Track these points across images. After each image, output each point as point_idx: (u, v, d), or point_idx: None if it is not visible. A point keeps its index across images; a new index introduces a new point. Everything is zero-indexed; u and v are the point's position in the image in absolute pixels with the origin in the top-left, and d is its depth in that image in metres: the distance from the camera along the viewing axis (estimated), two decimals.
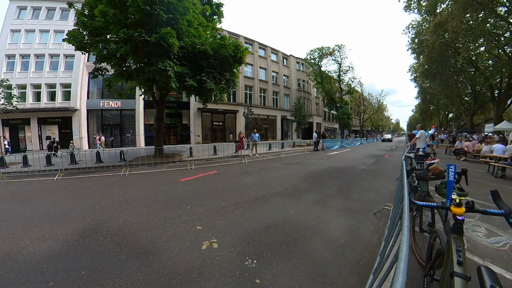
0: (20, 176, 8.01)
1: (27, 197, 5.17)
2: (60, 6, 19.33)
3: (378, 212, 3.45)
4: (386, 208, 3.51)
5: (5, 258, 2.47)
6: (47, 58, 19.33)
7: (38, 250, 2.64)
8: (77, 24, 8.95)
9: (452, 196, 1.31)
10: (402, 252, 0.86)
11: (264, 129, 28.00)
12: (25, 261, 2.42)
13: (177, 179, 6.34)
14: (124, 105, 19.56)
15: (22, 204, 4.64)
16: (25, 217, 3.81)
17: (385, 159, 10.56)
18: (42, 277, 2.11)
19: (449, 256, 1.16)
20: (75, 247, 2.68)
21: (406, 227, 1.05)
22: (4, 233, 3.16)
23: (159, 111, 11.52)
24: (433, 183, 2.37)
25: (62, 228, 3.23)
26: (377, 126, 65.33)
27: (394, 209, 2.41)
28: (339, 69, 28.69)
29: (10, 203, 4.73)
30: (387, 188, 5.00)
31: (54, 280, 2.05)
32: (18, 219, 3.71)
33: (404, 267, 0.78)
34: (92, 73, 10.50)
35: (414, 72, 25.94)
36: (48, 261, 2.39)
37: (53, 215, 3.85)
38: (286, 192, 4.67)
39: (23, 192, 5.72)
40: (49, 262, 2.37)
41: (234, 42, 10.10)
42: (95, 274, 2.12)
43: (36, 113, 18.91)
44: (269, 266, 2.14)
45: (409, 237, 1.04)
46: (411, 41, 19.14)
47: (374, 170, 7.42)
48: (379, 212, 3.45)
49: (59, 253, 2.56)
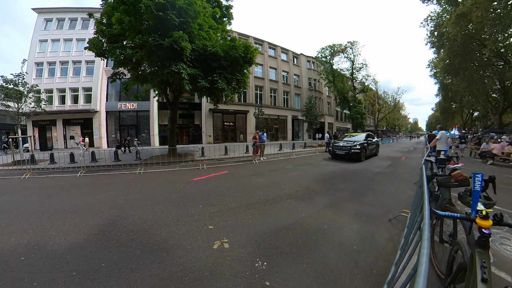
0: (48, 172, 8.66)
1: (53, 192, 5.59)
2: (81, 16, 20.84)
3: (394, 218, 3.29)
4: (402, 214, 3.34)
5: (34, 247, 2.71)
6: (71, 65, 21.03)
7: (63, 241, 2.85)
8: (96, 32, 9.61)
9: (478, 207, 1.22)
10: (421, 267, 0.81)
11: (275, 130, 27.81)
12: (51, 251, 2.63)
13: (190, 178, 6.49)
14: (140, 106, 20.63)
15: (49, 198, 5.02)
16: (52, 210, 4.12)
17: (402, 162, 10.04)
18: (66, 267, 2.28)
19: (472, 271, 1.08)
20: (95, 240, 2.86)
21: (427, 240, 0.99)
22: (34, 224, 3.45)
23: (173, 112, 11.91)
24: (456, 189, 2.22)
25: (84, 222, 3.44)
26: (393, 126, 62.01)
27: (412, 216, 2.29)
28: (352, 66, 27.64)
29: (39, 197, 5.14)
30: (404, 193, 4.76)
31: (76, 270, 2.21)
32: (45, 212, 4.02)
33: (424, 282, 0.74)
34: (111, 78, 11.20)
35: (434, 67, 24.26)
36: (72, 252, 2.57)
37: (76, 209, 4.12)
38: (297, 194, 4.61)
39: (50, 187, 6.18)
40: (72, 253, 2.55)
41: (244, 43, 10.16)
42: (112, 267, 2.24)
43: (61, 115, 20.60)
44: (279, 269, 2.13)
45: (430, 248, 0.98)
46: (430, 34, 17.85)
47: (390, 174, 7.08)
48: (395, 218, 3.28)
49: (81, 245, 2.74)
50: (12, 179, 7.66)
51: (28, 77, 14.04)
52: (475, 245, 1.17)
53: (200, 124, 22.37)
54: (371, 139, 11.52)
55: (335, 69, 27.74)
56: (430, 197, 2.36)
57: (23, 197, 5.18)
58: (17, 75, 12.25)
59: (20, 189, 6.11)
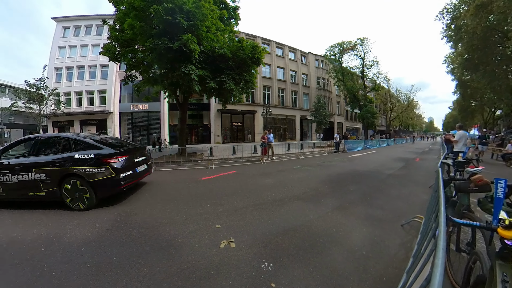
0: None
1: None
2: (96, 23, 21.93)
3: (406, 224, 3.13)
4: (416, 220, 3.17)
5: (53, 239, 2.90)
6: (87, 69, 22.30)
7: (79, 235, 3.01)
8: (110, 37, 10.12)
9: (500, 215, 1.14)
10: (435, 278, 0.76)
11: (283, 130, 27.61)
12: (68, 243, 2.79)
13: (199, 178, 6.60)
14: (151, 107, 21.34)
15: None
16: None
17: (416, 164, 9.60)
18: (81, 259, 2.41)
19: (492, 285, 1.01)
20: (108, 235, 2.98)
21: (442, 249, 0.92)
22: (53, 218, 3.67)
23: (182, 113, 12.19)
24: (475, 195, 2.10)
25: (98, 217, 3.61)
26: (407, 126, 59.11)
27: (426, 222, 2.17)
28: (362, 64, 26.63)
29: None
30: (418, 197, 4.55)
31: (90, 263, 2.33)
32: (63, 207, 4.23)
33: None
34: (124, 80, 11.73)
35: (451, 63, 22.79)
36: (86, 245, 2.71)
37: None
38: (305, 196, 4.55)
39: None
40: (87, 246, 2.69)
41: (252, 44, 10.21)
42: (123, 261, 2.33)
43: (78, 116, 21.86)
44: (285, 271, 2.11)
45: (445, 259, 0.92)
46: (446, 28, 16.77)
47: (403, 176, 6.78)
48: (408, 224, 3.13)
49: (95, 239, 2.88)
50: None
51: (48, 81, 15.11)
52: (496, 257, 1.09)
53: (209, 124, 22.75)
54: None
55: (345, 67, 26.94)
56: (447, 202, 2.23)
57: None
58: (39, 79, 13.18)
59: None
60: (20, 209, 4.20)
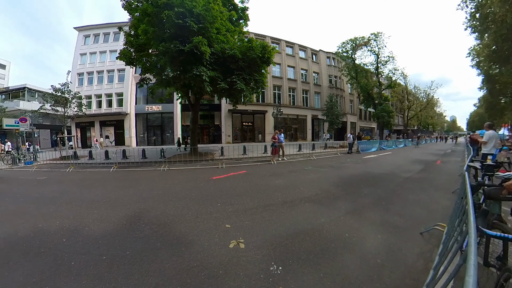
0: (87, 167, 9.76)
1: (90, 184, 6.26)
2: (113, 30, 23.44)
3: (426, 232, 2.89)
4: (437, 228, 2.92)
5: (73, 232, 3.11)
6: (105, 73, 23.85)
7: (97, 228, 3.19)
8: (125, 43, 10.69)
9: None
10: None
11: (294, 130, 27.20)
12: (87, 236, 2.97)
13: (210, 177, 6.69)
14: (164, 108, 22.22)
15: (87, 189, 5.64)
16: (89, 200, 4.63)
17: (437, 167, 8.96)
18: (98, 251, 2.56)
19: None
20: (123, 230, 3.13)
21: (473, 266, 0.82)
22: (74, 212, 3.93)
23: (194, 114, 12.49)
24: (507, 203, 1.90)
25: (114, 212, 3.79)
26: (426, 125, 54.83)
27: (449, 232, 2.00)
28: (377, 60, 25.23)
29: (79, 188, 5.81)
30: (439, 203, 4.23)
31: (106, 255, 2.46)
32: (84, 201, 4.53)
33: None
34: (139, 83, 12.35)
35: (477, 56, 20.58)
36: (103, 239, 2.87)
37: (108, 200, 4.55)
38: (316, 198, 4.42)
39: (88, 180, 6.94)
40: (104, 239, 2.84)
41: (261, 43, 10.20)
42: (136, 256, 2.43)
43: (98, 117, 23.38)
44: (295, 276, 2.05)
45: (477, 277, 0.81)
46: (470, 17, 15.31)
47: (423, 180, 6.31)
48: (428, 232, 2.88)
49: (111, 233, 3.03)
50: (60, 171, 8.81)
51: (71, 86, 16.36)
52: None
53: (220, 124, 23.08)
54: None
55: (358, 64, 25.70)
56: (476, 211, 2.03)
57: (67, 188, 5.90)
58: (63, 84, 14.40)
59: (65, 180, 6.99)
60: (46, 202, 4.52)
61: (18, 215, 3.86)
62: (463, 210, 1.74)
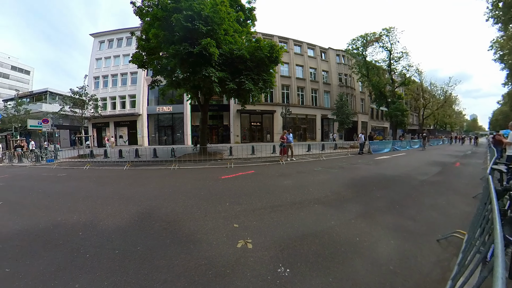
0: (102, 165, 10.24)
1: (105, 181, 6.55)
2: (125, 35, 24.59)
3: (443, 239, 2.70)
4: (456, 235, 2.72)
5: (89, 226, 3.27)
6: (119, 76, 25.08)
7: (110, 224, 3.33)
8: (137, 47, 11.13)
9: None
10: None
11: (303, 130, 26.84)
12: (101, 230, 3.12)
13: (218, 176, 6.77)
14: (175, 109, 22.86)
15: (102, 186, 5.91)
16: (104, 196, 4.84)
17: (456, 169, 8.40)
18: (111, 245, 2.67)
19: None
20: (134, 226, 3.24)
21: (501, 279, 0.75)
22: (90, 207, 4.14)
23: (203, 114, 12.72)
24: None
25: (127, 209, 3.94)
26: (443, 124, 51.53)
27: (470, 240, 1.86)
28: (389, 57, 24.09)
29: (95, 185, 6.09)
30: (458, 208, 3.97)
31: (118, 249, 2.57)
32: (99, 197, 4.74)
33: None
34: (150, 85, 12.76)
35: (500, 48, 18.61)
36: (116, 234, 2.99)
37: (121, 197, 4.74)
38: (326, 200, 4.32)
39: (103, 177, 7.26)
40: (116, 234, 2.96)
41: (269, 43, 10.19)
42: (146, 251, 2.51)
43: (113, 118, 24.58)
44: (302, 279, 2.01)
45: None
46: (492, 7, 14.18)
47: (440, 183, 5.93)
48: (445, 239, 2.70)
49: (123, 228, 3.15)
50: (78, 169, 9.32)
51: (88, 89, 17.50)
52: None
53: (229, 124, 23.35)
54: None
55: (369, 61, 24.71)
56: (503, 219, 1.87)
57: (84, 184, 6.22)
58: (81, 87, 15.48)
59: (82, 177, 7.36)
60: (65, 197, 4.77)
61: (40, 208, 4.14)
62: (487, 217, 1.62)
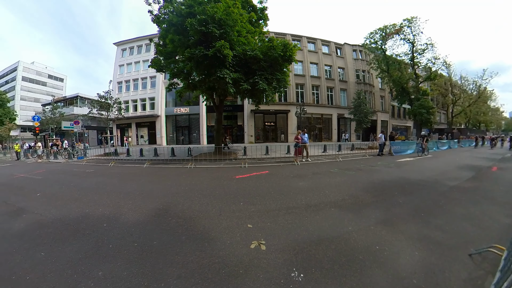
0: (125, 162, 11.05)
1: (127, 178, 7.01)
2: (145, 42, 26.57)
3: (477, 253, 2.41)
4: (492, 251, 2.37)
5: (112, 218, 3.55)
6: (140, 81, 27.13)
7: (131, 218, 3.57)
8: (156, 53, 11.73)
9: None
10: None
11: (318, 129, 26.05)
12: (123, 223, 3.35)
13: (233, 176, 6.86)
14: (191, 110, 23.89)
15: (124, 182, 6.33)
16: (126, 192, 5.17)
17: (493, 174, 7.43)
18: (131, 238, 2.86)
19: None
20: (152, 221, 3.42)
21: None
22: (113, 201, 4.45)
23: (218, 114, 13.02)
24: None
25: (146, 205, 4.17)
26: (477, 123, 45.56)
27: (509, 257, 1.65)
28: (412, 49, 22.06)
29: (118, 181, 6.57)
30: (495, 220, 3.53)
31: (137, 242, 2.73)
32: (122, 193, 5.09)
33: None
34: (168, 88, 13.37)
35: None
36: (135, 227, 3.19)
37: (141, 193, 5.02)
38: (343, 203, 4.12)
39: (126, 174, 7.77)
40: (136, 228, 3.16)
41: (282, 42, 10.07)
42: (161, 247, 2.62)
43: (134, 119, 26.74)
44: (317, 285, 1.93)
45: None
46: None
47: (473, 189, 5.28)
48: (479, 254, 2.40)
49: (142, 223, 3.35)
50: (103, 166, 10.18)
51: (113, 93, 19.26)
52: None
53: (243, 124, 23.61)
54: None
55: (389, 55, 22.94)
56: None
57: (109, 180, 6.73)
58: (106, 92, 17.15)
59: (108, 173, 8.00)
60: (93, 191, 5.17)
61: (71, 201, 4.59)
62: None
